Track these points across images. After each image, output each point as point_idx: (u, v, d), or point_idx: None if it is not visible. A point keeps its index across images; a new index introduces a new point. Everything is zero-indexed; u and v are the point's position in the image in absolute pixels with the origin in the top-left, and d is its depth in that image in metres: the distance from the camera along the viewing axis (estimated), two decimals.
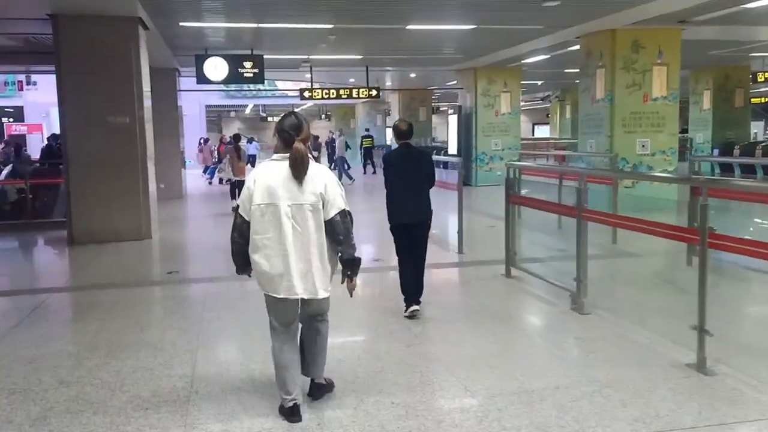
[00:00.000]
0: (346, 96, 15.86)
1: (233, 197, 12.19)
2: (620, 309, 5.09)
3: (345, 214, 3.13)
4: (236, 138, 13.00)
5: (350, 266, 3.22)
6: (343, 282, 3.28)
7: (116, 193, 9.00)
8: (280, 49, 12.91)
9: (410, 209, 4.91)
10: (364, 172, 22.05)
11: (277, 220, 3.04)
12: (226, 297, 5.74)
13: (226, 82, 12.66)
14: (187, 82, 18.83)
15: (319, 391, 3.42)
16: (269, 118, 34.88)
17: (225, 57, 12.29)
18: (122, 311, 5.31)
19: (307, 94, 15.70)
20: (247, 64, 12.36)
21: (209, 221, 11.69)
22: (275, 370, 3.24)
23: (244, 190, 3.19)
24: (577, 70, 12.02)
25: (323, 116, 39.01)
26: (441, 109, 32.25)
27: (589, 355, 4.07)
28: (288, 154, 3.07)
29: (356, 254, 3.21)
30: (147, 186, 9.23)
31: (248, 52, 12.41)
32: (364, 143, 22.90)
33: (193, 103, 28.04)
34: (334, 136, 25.43)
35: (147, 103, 9.64)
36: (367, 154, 22.83)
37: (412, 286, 4.94)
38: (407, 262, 4.99)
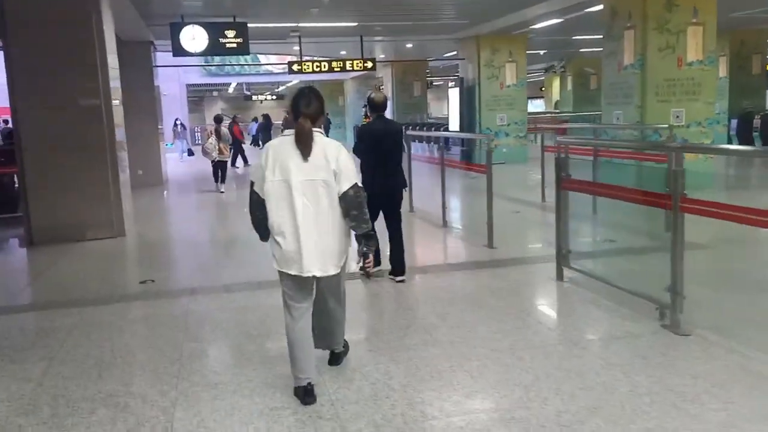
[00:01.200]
0: (339, 69, 14.51)
1: (216, 180, 12.20)
2: (725, 326, 3.95)
3: (358, 188, 3.04)
4: (217, 119, 12.61)
5: (366, 241, 3.15)
6: (359, 261, 3.27)
7: (81, 183, 7.72)
8: (266, 17, 11.53)
9: (386, 181, 5.04)
10: None
11: (289, 197, 2.98)
12: (213, 317, 4.54)
13: (206, 53, 11.29)
14: (164, 57, 17.40)
15: (339, 358, 3.51)
16: (254, 97, 33.27)
17: (204, 25, 10.90)
18: (79, 344, 4.09)
19: (296, 67, 14.33)
20: (230, 33, 10.99)
21: (192, 212, 10.42)
22: (288, 347, 3.14)
23: (257, 167, 3.09)
24: (586, 37, 10.82)
25: None
26: (435, 83, 30.85)
27: (729, 408, 2.91)
28: None
29: (370, 229, 3.14)
30: (117, 174, 7.94)
31: (230, 19, 11.03)
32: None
33: (173, 83, 26.51)
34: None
35: (114, 78, 8.30)
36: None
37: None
38: None
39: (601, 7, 10.89)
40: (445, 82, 34.00)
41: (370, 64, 14.53)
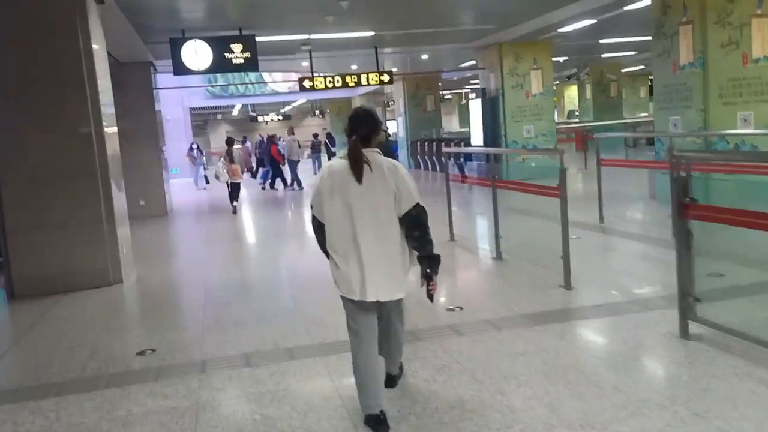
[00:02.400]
0: (353, 84, 13.43)
1: (231, 200, 12.42)
2: None
3: (420, 208, 2.93)
4: (228, 142, 12.55)
5: (429, 264, 2.97)
6: (422, 285, 3.01)
7: (69, 222, 6.61)
8: (276, 28, 10.48)
9: None
10: None
11: (349, 219, 2.91)
12: (231, 415, 3.34)
13: (211, 71, 10.20)
14: (165, 80, 16.43)
15: (394, 380, 3.38)
16: (260, 118, 32.33)
17: (207, 40, 9.85)
18: None
19: (307, 84, 13.26)
20: (236, 48, 9.94)
21: (202, 248, 9.24)
22: (356, 375, 3.01)
23: (315, 189, 3.03)
24: (615, 41, 9.69)
25: (317, 113, 36.55)
26: (446, 97, 29.83)
27: None
28: None
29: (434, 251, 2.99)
30: (112, 209, 6.81)
31: (236, 32, 9.97)
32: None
33: (176, 107, 25.60)
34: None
35: (107, 99, 7.22)
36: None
37: None
38: None
39: (645, 3, 9.80)
40: (455, 96, 33.03)
41: (387, 77, 13.45)
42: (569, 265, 5.16)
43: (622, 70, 23.08)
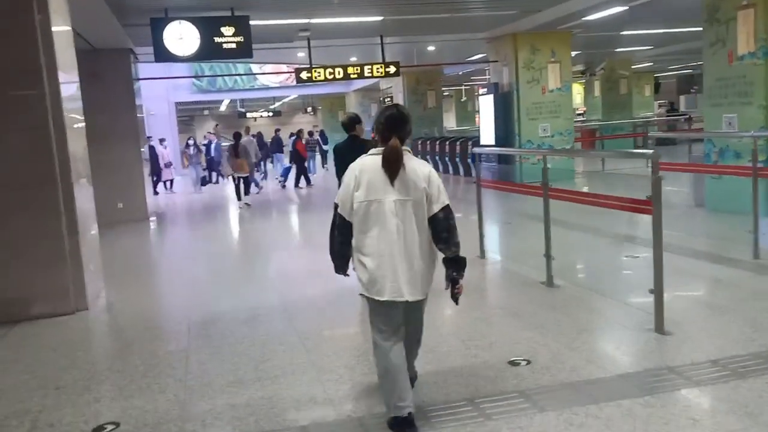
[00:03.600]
0: (355, 75, 12.19)
1: (239, 197, 12.44)
2: None
3: (448, 210, 2.92)
4: (236, 136, 12.64)
5: (455, 266, 2.95)
6: (447, 287, 2.98)
7: (21, 237, 5.36)
8: (272, 10, 9.22)
9: None
10: None
11: (382, 218, 2.87)
12: None
13: (198, 58, 8.91)
14: (148, 69, 15.11)
15: (411, 383, 3.23)
16: (248, 114, 30.93)
17: (194, 21, 8.58)
18: None
19: (304, 75, 12.00)
20: (227, 31, 8.67)
21: (188, 263, 7.97)
22: (381, 379, 2.97)
23: (343, 187, 2.98)
24: (639, 32, 8.54)
25: (309, 110, 35.20)
26: (445, 94, 28.63)
27: None
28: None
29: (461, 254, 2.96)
30: (75, 220, 5.56)
31: (227, 12, 8.70)
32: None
33: (161, 101, 24.25)
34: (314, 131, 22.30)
35: (71, 90, 5.95)
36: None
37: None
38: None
39: None
40: (452, 93, 31.84)
41: (393, 69, 12.23)
42: (662, 303, 3.99)
43: (632, 67, 22.03)
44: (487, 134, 14.25)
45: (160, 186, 16.93)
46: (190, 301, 5.80)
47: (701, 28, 8.45)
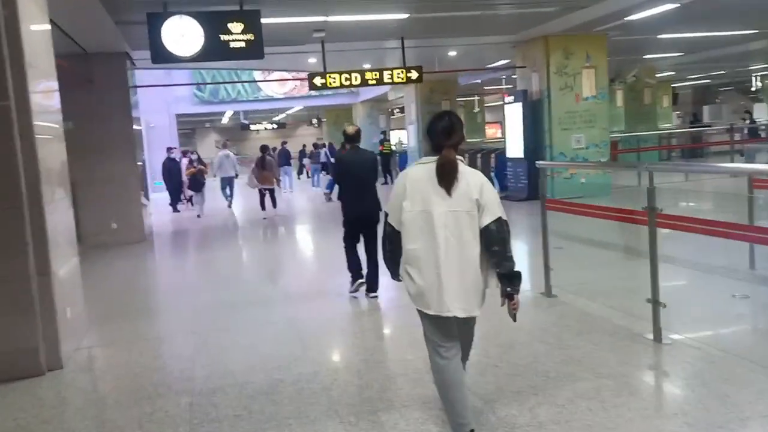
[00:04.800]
0: (374, 81, 11.07)
1: (263, 207, 12.66)
2: None
3: (501, 222, 2.81)
4: (263, 149, 12.76)
5: (509, 281, 2.81)
6: (503, 304, 2.85)
7: None
8: (286, 5, 8.10)
9: (362, 205, 5.49)
10: (385, 182, 18.57)
11: (431, 229, 2.79)
12: None
13: (201, 58, 7.73)
14: (146, 77, 14.02)
15: None
16: (252, 126, 29.86)
17: (197, 16, 7.44)
18: None
19: (318, 81, 10.88)
20: (235, 28, 7.53)
21: (190, 298, 6.74)
22: (440, 392, 2.91)
23: (393, 197, 2.93)
24: (677, 36, 7.41)
25: (314, 121, 34.12)
26: (460, 104, 27.51)
27: None
28: (437, 158, 2.83)
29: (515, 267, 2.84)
30: (46, 254, 4.37)
31: (236, 6, 7.57)
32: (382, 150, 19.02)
33: (161, 114, 23.25)
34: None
35: (47, 98, 4.80)
36: (385, 164, 18.46)
37: (359, 265, 5.63)
38: (354, 249, 5.67)
39: None
40: (463, 104, 30.81)
41: (415, 74, 11.10)
42: None
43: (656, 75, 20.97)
44: (515, 146, 13.09)
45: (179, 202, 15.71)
46: (194, 355, 4.58)
47: (749, 31, 7.37)
